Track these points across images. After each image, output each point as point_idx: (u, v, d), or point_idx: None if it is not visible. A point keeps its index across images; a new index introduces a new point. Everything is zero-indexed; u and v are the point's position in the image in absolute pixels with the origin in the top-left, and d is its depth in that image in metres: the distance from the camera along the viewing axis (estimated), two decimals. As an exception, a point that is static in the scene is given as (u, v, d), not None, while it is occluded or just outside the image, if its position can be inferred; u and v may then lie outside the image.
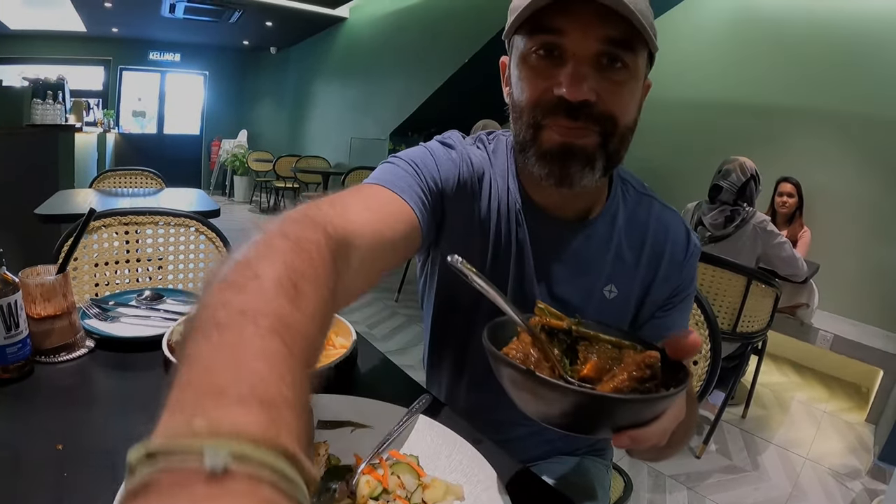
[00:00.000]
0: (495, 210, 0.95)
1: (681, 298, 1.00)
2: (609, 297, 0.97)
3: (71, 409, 0.85)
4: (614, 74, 0.78)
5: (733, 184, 2.97)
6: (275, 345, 0.36)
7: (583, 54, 0.76)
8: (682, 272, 0.99)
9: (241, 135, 10.67)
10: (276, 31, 9.37)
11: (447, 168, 0.92)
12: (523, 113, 0.83)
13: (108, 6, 7.77)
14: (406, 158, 0.91)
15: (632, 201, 0.99)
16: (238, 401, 0.31)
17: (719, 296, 2.85)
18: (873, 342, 3.62)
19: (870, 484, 2.70)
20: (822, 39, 4.29)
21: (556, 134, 0.80)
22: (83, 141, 5.79)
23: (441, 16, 6.44)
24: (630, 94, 0.81)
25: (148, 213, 1.72)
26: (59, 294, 0.99)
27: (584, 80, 0.75)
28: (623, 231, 0.97)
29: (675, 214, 1.01)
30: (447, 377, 1.12)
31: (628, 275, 0.97)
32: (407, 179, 0.86)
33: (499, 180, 0.96)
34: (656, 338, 0.95)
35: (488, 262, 0.97)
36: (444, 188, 0.91)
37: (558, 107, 0.78)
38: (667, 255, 0.97)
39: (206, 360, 0.34)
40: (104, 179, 3.65)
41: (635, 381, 0.56)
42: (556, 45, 0.77)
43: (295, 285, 0.43)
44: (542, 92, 0.79)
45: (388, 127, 7.29)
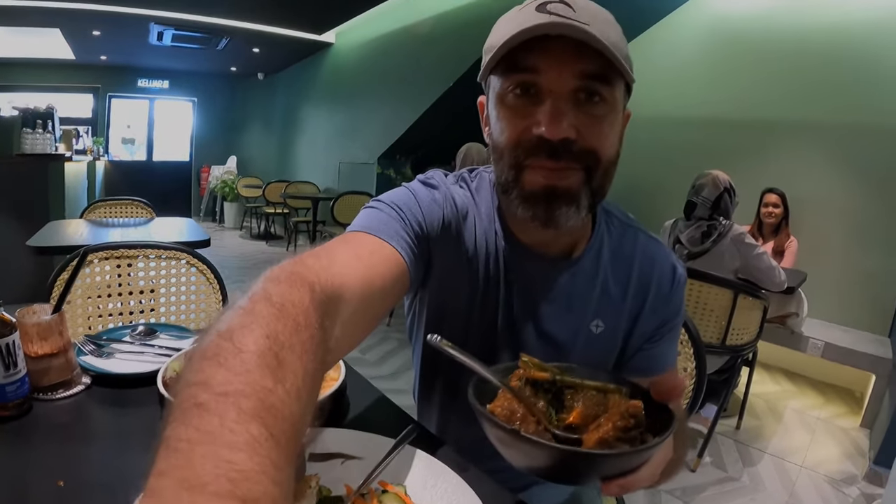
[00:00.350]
0: (482, 249, 0.95)
1: (669, 328, 0.99)
2: (596, 332, 0.97)
3: (70, 446, 0.86)
4: (593, 109, 0.78)
5: (707, 198, 2.96)
6: (257, 432, 0.36)
7: (560, 91, 0.76)
8: (669, 304, 0.98)
9: (230, 161, 10.68)
10: (263, 57, 9.41)
11: (431, 210, 0.92)
12: (504, 154, 0.82)
13: (96, 34, 7.80)
14: (389, 202, 0.90)
15: (616, 234, 0.99)
16: (216, 498, 0.31)
17: (706, 310, 2.87)
18: (864, 347, 3.66)
19: (866, 489, 2.72)
20: (800, 52, 4.38)
21: (540, 176, 0.80)
22: (73, 170, 5.79)
23: (425, 40, 6.49)
24: (610, 127, 0.81)
25: (139, 246, 1.74)
26: (55, 333, 1.01)
27: (564, 118, 0.75)
28: (609, 265, 0.96)
29: (661, 245, 1.01)
30: (437, 411, 1.11)
31: (615, 309, 0.97)
32: (392, 224, 0.86)
33: (483, 219, 0.96)
34: (645, 369, 0.97)
35: (477, 301, 0.96)
36: (429, 230, 0.91)
37: (539, 147, 0.77)
38: (653, 287, 0.97)
39: (185, 449, 0.34)
40: (95, 209, 3.67)
41: (619, 431, 0.57)
42: (532, 84, 0.77)
43: (277, 357, 0.42)
44: (522, 132, 0.79)
45: (376, 151, 7.31)
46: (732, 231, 2.94)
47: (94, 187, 7.74)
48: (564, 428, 0.63)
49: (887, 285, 3.97)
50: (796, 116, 4.41)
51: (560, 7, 0.74)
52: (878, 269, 4.03)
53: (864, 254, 4.10)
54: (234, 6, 6.70)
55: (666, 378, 0.60)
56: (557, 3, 0.74)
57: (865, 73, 4.04)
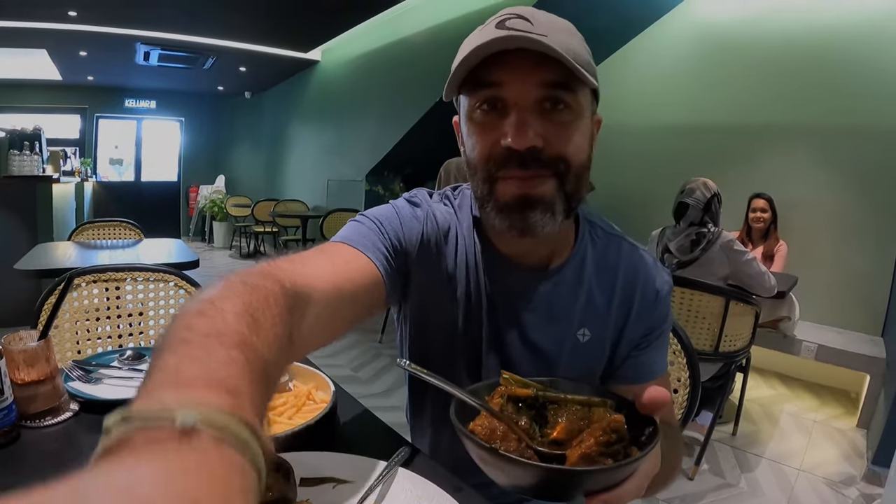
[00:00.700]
0: (463, 263, 0.97)
1: (656, 335, 1.00)
2: (583, 341, 0.98)
3: (59, 474, 0.84)
4: (558, 116, 0.80)
5: (699, 200, 2.97)
6: (237, 356, 0.40)
7: (524, 102, 0.78)
8: (655, 310, 0.99)
9: (218, 180, 10.69)
10: (249, 75, 9.44)
11: (411, 225, 0.96)
12: (477, 168, 0.85)
13: (82, 55, 7.82)
14: (371, 217, 0.94)
15: (601, 244, 1.00)
16: (205, 386, 0.35)
17: (698, 318, 2.87)
18: (857, 348, 3.68)
19: (865, 489, 2.71)
20: (786, 57, 4.43)
21: (512, 186, 0.82)
22: (61, 191, 5.77)
23: (411, 56, 6.52)
24: (578, 133, 0.82)
25: (127, 269, 1.73)
26: (42, 359, 0.99)
27: (529, 127, 0.77)
28: (593, 275, 0.97)
29: (645, 253, 1.02)
30: (430, 429, 1.11)
31: (601, 318, 0.98)
32: (370, 237, 0.90)
33: (465, 234, 0.98)
34: (634, 377, 0.97)
35: (461, 315, 0.98)
36: (407, 245, 0.94)
37: (509, 158, 0.80)
38: (638, 294, 0.98)
39: (173, 365, 0.37)
40: (83, 231, 3.65)
41: (602, 446, 0.57)
42: (497, 98, 0.80)
43: (253, 317, 0.47)
44: (491, 145, 0.81)
45: (364, 168, 7.31)
46: (721, 238, 2.95)
47: (83, 208, 7.70)
48: (549, 444, 0.63)
49: (878, 285, 3.99)
50: (783, 121, 4.45)
51: (518, 22, 0.77)
52: (868, 270, 4.06)
53: (854, 255, 4.13)
54: (220, 25, 6.73)
55: (649, 391, 0.60)
56: (515, 18, 0.77)
57: (852, 77, 4.09)
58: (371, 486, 0.78)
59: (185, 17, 6.31)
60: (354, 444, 0.93)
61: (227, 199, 9.90)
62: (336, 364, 4.20)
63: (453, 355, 1.00)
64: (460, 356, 1.00)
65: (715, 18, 4.95)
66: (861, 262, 4.10)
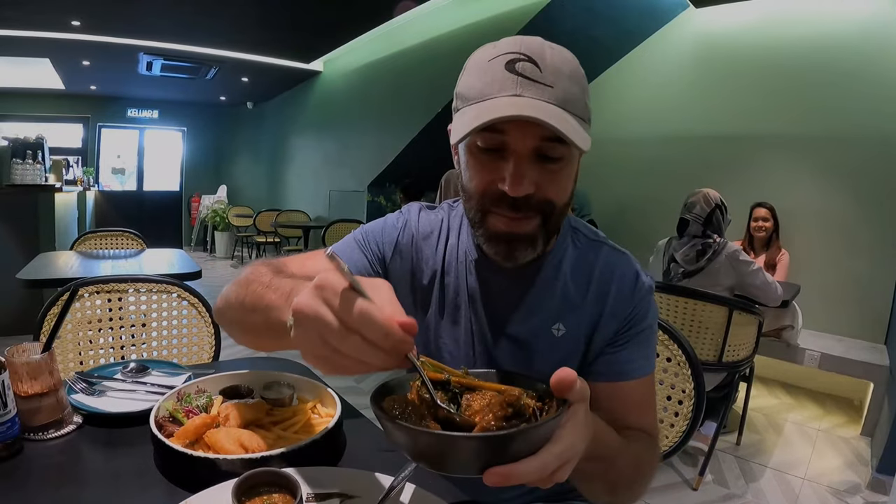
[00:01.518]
0: (449, 262, 1.07)
1: (633, 334, 1.01)
2: (558, 335, 1.02)
3: (62, 488, 0.84)
4: (551, 165, 0.86)
5: (699, 215, 3.00)
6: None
7: (522, 150, 0.84)
8: (630, 307, 1.01)
9: (220, 190, 10.70)
10: (251, 86, 9.47)
11: (389, 233, 1.10)
12: (472, 198, 0.92)
13: (86, 64, 7.85)
14: (361, 230, 1.13)
15: (582, 248, 1.06)
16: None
17: (702, 328, 2.87)
18: (860, 356, 3.66)
19: (870, 497, 2.70)
20: (784, 66, 4.45)
21: (502, 222, 0.90)
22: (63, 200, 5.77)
23: (413, 67, 6.54)
24: (566, 178, 0.90)
25: (130, 280, 1.73)
26: (45, 371, 0.99)
27: (525, 177, 0.84)
28: (569, 273, 1.03)
29: (626, 257, 1.06)
30: None
31: (575, 313, 1.02)
32: (352, 245, 1.09)
33: (452, 238, 1.09)
34: (609, 374, 1.00)
35: (446, 309, 1.07)
36: (385, 249, 1.09)
37: (502, 199, 0.87)
38: (613, 291, 1.01)
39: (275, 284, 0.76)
40: (85, 241, 3.65)
41: (501, 420, 0.58)
42: (499, 142, 0.85)
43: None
44: (488, 184, 0.88)
45: (366, 179, 7.32)
46: (727, 248, 2.97)
47: (85, 218, 7.71)
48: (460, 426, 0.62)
49: (880, 293, 3.99)
50: (784, 130, 4.46)
51: (528, 67, 0.82)
52: (870, 278, 4.05)
53: (856, 263, 4.12)
54: (223, 36, 6.76)
55: (557, 371, 0.60)
56: (525, 61, 0.83)
57: (852, 86, 4.10)
58: (379, 501, 0.77)
59: (188, 27, 6.34)
60: (361, 459, 0.93)
61: (229, 209, 9.90)
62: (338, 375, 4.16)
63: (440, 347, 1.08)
64: (448, 348, 1.07)
65: (715, 29, 4.96)
66: (863, 269, 4.09)
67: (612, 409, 0.97)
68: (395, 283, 1.05)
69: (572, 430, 0.60)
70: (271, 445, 0.89)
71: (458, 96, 0.90)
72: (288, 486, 0.75)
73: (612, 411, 0.96)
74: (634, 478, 0.92)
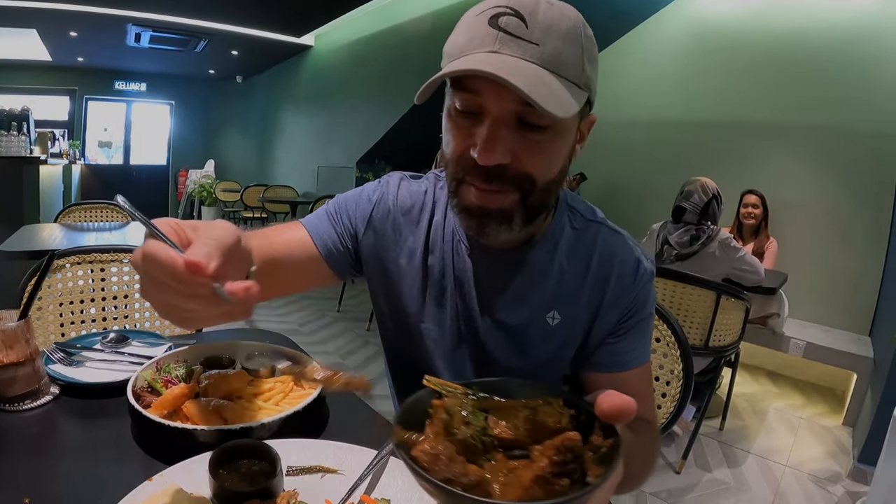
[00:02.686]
0: (434, 240, 1.00)
1: (633, 323, 0.97)
2: (552, 324, 0.96)
3: (37, 460, 0.82)
4: (535, 134, 0.77)
5: (696, 205, 3.02)
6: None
7: (499, 113, 0.75)
8: (631, 295, 0.95)
9: (208, 165, 10.63)
10: (241, 59, 9.37)
11: (363, 207, 1.04)
12: (448, 165, 0.86)
13: (73, 35, 7.72)
14: (336, 201, 1.07)
15: (580, 229, 0.98)
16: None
17: (690, 312, 2.87)
18: (845, 346, 3.69)
19: (851, 486, 2.72)
20: (780, 55, 4.43)
21: (472, 195, 0.82)
22: (48, 173, 5.71)
23: (406, 43, 6.49)
24: (553, 152, 0.81)
25: (112, 250, 1.70)
26: (21, 340, 0.96)
27: (498, 144, 0.76)
28: (565, 258, 0.96)
29: (625, 239, 0.99)
30: None
31: (572, 301, 0.96)
32: (322, 219, 1.03)
33: (438, 213, 1.01)
34: (609, 364, 0.96)
35: (429, 291, 1.01)
36: (356, 224, 1.03)
37: (474, 168, 0.79)
38: (613, 279, 0.95)
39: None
40: (70, 213, 3.59)
41: (556, 467, 0.52)
42: (474, 103, 0.77)
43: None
44: (462, 151, 0.80)
45: (355, 155, 7.29)
46: (720, 235, 3.01)
47: (70, 191, 7.64)
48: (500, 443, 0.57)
49: (867, 285, 4.00)
50: (777, 119, 4.45)
51: (512, 22, 0.74)
52: (857, 270, 4.07)
53: (844, 254, 4.14)
54: (213, 8, 6.65)
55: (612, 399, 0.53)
56: (510, 15, 0.74)
57: (847, 77, 4.09)
58: (361, 475, 0.76)
59: (178, -3, 6.24)
60: (343, 432, 0.91)
61: (217, 183, 9.83)
62: (324, 351, 4.19)
63: (421, 332, 1.03)
64: (431, 334, 1.02)
65: (711, 14, 4.94)
66: (850, 261, 4.11)
67: None
68: (367, 259, 1.05)
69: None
70: (252, 417, 0.88)
71: (443, 55, 0.82)
72: (267, 458, 0.74)
73: None
74: (640, 476, 0.89)
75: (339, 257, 1.02)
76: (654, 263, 1.00)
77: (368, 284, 1.08)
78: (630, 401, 0.53)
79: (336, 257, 1.02)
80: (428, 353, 1.02)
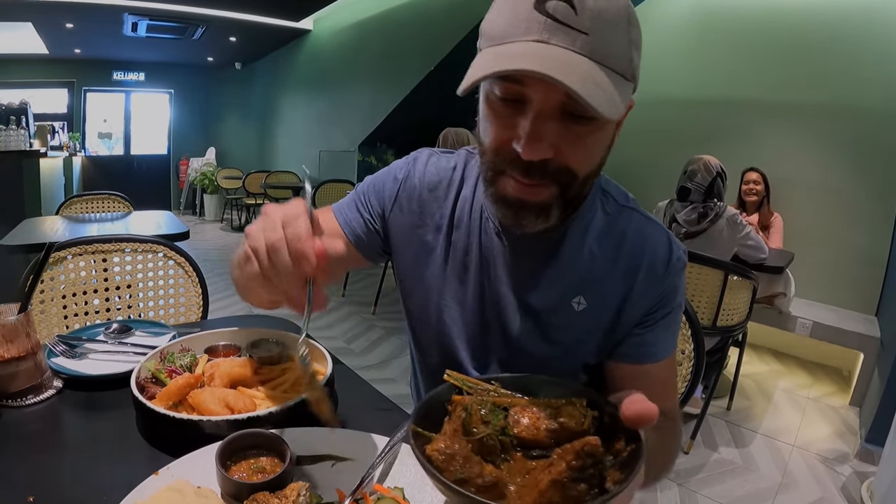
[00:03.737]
0: (460, 216, 0.98)
1: (663, 314, 0.94)
2: (578, 310, 0.93)
3: (41, 456, 0.81)
4: (579, 126, 0.73)
5: (700, 184, 3.00)
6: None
7: (545, 107, 0.71)
8: (662, 286, 0.92)
9: (209, 152, 10.58)
10: (240, 45, 9.30)
11: (390, 186, 1.03)
12: (485, 153, 0.81)
13: (69, 27, 7.66)
14: (365, 182, 1.07)
15: (612, 214, 0.95)
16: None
17: (698, 292, 2.86)
18: (851, 326, 3.67)
19: (858, 467, 2.72)
20: (784, 32, 4.36)
21: (511, 188, 0.79)
22: (49, 166, 5.70)
23: (405, 24, 6.44)
24: (595, 144, 0.78)
25: (114, 240, 1.68)
26: (21, 334, 0.95)
27: (543, 138, 0.72)
28: (595, 243, 0.93)
29: (658, 227, 0.95)
30: None
31: (600, 287, 0.93)
32: (351, 203, 1.04)
33: (466, 189, 0.99)
34: (636, 356, 0.93)
35: (451, 269, 0.99)
36: (385, 203, 1.02)
37: (515, 161, 0.75)
38: (644, 268, 0.91)
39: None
40: (71, 205, 3.58)
41: (575, 472, 0.50)
42: (518, 93, 0.73)
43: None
44: (503, 142, 0.76)
45: (357, 139, 7.25)
46: (727, 213, 2.99)
47: (72, 183, 7.63)
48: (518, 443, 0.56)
49: (873, 265, 3.98)
50: (781, 96, 4.40)
51: (560, 7, 0.67)
52: (864, 249, 4.04)
53: (851, 234, 4.11)
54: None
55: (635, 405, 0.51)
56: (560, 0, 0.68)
57: (853, 55, 4.03)
58: (373, 463, 0.74)
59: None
60: (354, 420, 0.90)
61: (218, 171, 9.78)
62: (329, 336, 4.19)
63: (442, 312, 1.01)
64: (451, 315, 1.00)
65: (713, -8, 4.86)
66: (857, 241, 4.08)
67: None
68: (394, 239, 1.03)
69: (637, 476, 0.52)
70: (259, 405, 0.86)
71: (481, 33, 0.76)
72: (276, 448, 0.72)
73: None
74: (660, 474, 0.87)
75: (369, 241, 1.03)
76: (686, 253, 0.96)
77: (394, 265, 1.07)
78: (653, 407, 0.51)
79: (365, 241, 1.03)
80: (448, 333, 1.00)
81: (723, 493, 2.49)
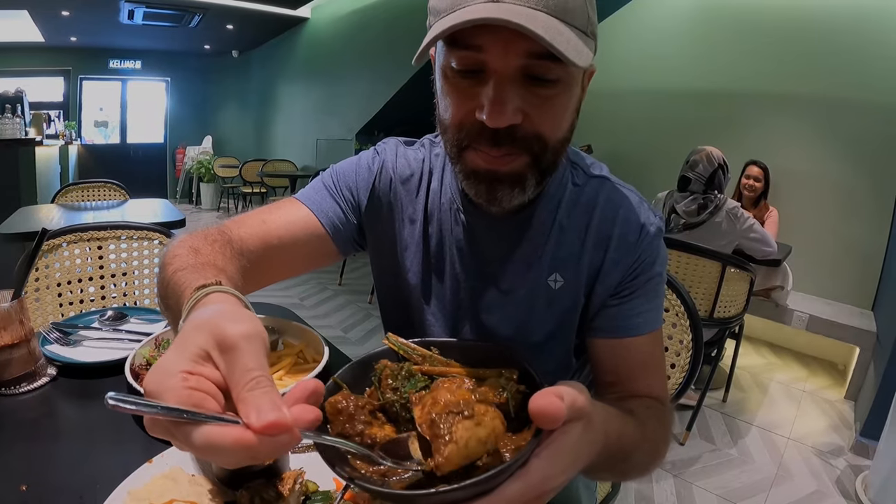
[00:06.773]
0: (432, 209, 0.96)
1: (640, 283, 0.89)
2: (555, 288, 0.90)
3: (34, 445, 0.81)
4: (543, 89, 0.70)
5: (701, 174, 2.96)
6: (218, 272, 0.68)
7: (505, 70, 0.68)
8: (636, 253, 0.88)
9: (205, 141, 10.53)
10: (237, 33, 9.26)
11: (365, 177, 0.99)
12: (447, 131, 0.78)
13: (65, 14, 7.60)
14: (332, 172, 1.01)
15: (581, 185, 0.92)
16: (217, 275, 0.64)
17: (695, 283, 2.86)
18: (848, 320, 3.67)
19: (853, 460, 2.73)
20: (785, 24, 4.34)
21: (481, 160, 0.75)
22: (45, 154, 5.67)
23: (403, 13, 6.41)
24: (562, 107, 0.74)
25: (109, 227, 1.67)
26: (15, 321, 0.94)
27: (507, 103, 0.68)
28: (565, 216, 0.90)
29: (630, 193, 0.92)
30: None
31: (574, 262, 0.90)
32: (322, 193, 0.97)
33: (435, 181, 0.97)
34: (612, 329, 0.89)
35: (429, 262, 0.97)
36: (360, 196, 0.98)
37: (481, 132, 0.72)
38: (615, 236, 0.88)
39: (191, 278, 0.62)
40: (67, 193, 3.56)
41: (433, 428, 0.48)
42: (476, 62, 0.69)
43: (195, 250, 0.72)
44: (465, 114, 0.73)
45: (354, 127, 7.25)
46: (727, 205, 2.97)
47: (68, 172, 7.60)
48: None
49: (870, 259, 3.98)
50: (781, 89, 4.39)
51: None
52: (861, 243, 4.04)
53: (848, 227, 4.11)
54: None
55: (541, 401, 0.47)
56: None
57: (853, 48, 4.01)
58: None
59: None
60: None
61: (215, 160, 9.76)
62: (326, 325, 4.19)
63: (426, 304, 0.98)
64: (437, 305, 0.98)
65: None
66: (854, 235, 4.08)
67: (616, 370, 0.88)
68: (373, 232, 1.00)
69: (549, 461, 0.49)
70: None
71: (429, 12, 0.73)
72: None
73: (617, 373, 0.88)
74: (650, 463, 0.80)
75: (345, 233, 0.97)
76: (662, 220, 0.92)
77: (371, 258, 1.04)
78: (560, 408, 0.47)
79: (342, 233, 0.96)
80: (429, 329, 0.98)
81: (718, 485, 2.50)
